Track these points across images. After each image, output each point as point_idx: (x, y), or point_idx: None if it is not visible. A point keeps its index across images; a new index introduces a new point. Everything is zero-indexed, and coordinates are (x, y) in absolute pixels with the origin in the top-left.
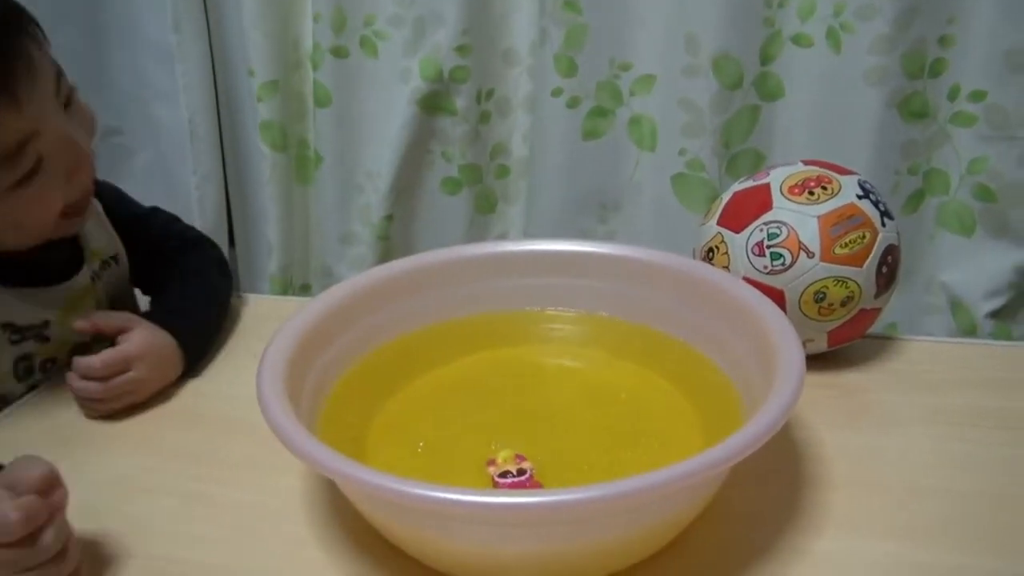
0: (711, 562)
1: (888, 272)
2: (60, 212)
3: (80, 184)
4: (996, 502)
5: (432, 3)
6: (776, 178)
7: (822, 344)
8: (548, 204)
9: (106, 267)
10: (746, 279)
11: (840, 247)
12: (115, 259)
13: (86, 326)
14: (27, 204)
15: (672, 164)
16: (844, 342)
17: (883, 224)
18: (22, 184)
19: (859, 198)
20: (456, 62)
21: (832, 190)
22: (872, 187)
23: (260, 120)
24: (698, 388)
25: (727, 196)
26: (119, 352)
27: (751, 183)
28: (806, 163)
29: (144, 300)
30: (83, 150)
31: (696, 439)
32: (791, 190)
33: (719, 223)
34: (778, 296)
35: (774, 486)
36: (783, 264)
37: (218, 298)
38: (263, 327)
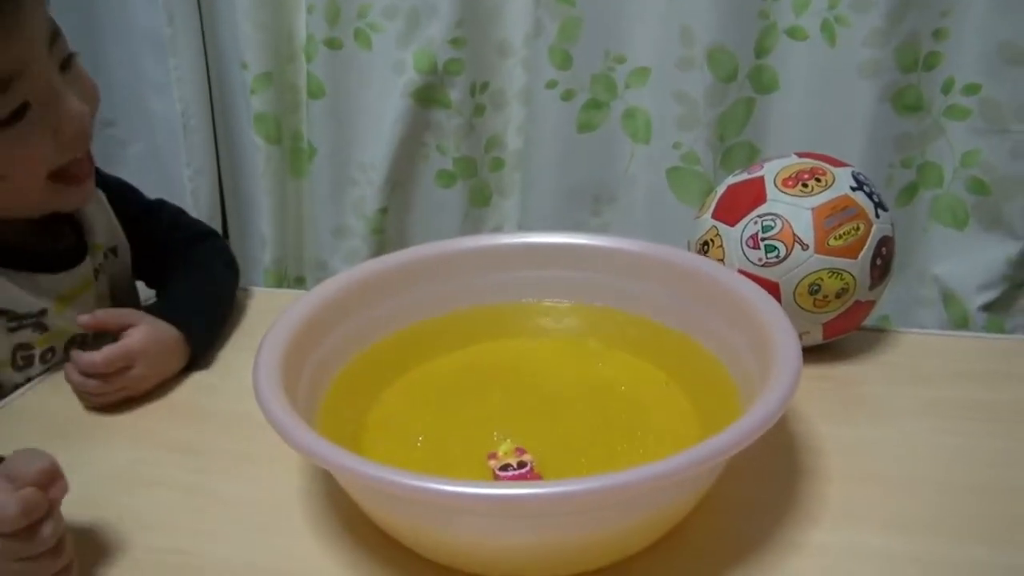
0: (708, 553)
1: (883, 264)
2: (49, 174)
3: (71, 148)
4: (989, 493)
5: None
6: (770, 171)
7: (817, 336)
8: (543, 197)
9: (105, 259)
10: (741, 272)
11: (834, 239)
12: (114, 251)
13: (89, 322)
14: (10, 149)
15: (667, 157)
16: (839, 334)
17: (877, 216)
18: (5, 126)
19: (853, 190)
20: (450, 54)
21: (826, 182)
22: (866, 179)
23: (254, 112)
24: (695, 380)
25: (721, 189)
26: (121, 348)
27: (745, 176)
28: (800, 155)
29: (149, 293)
30: (73, 111)
31: (693, 431)
32: (785, 182)
33: (714, 216)
34: (773, 288)
35: (770, 478)
36: (778, 256)
37: (225, 291)
38: (257, 320)
